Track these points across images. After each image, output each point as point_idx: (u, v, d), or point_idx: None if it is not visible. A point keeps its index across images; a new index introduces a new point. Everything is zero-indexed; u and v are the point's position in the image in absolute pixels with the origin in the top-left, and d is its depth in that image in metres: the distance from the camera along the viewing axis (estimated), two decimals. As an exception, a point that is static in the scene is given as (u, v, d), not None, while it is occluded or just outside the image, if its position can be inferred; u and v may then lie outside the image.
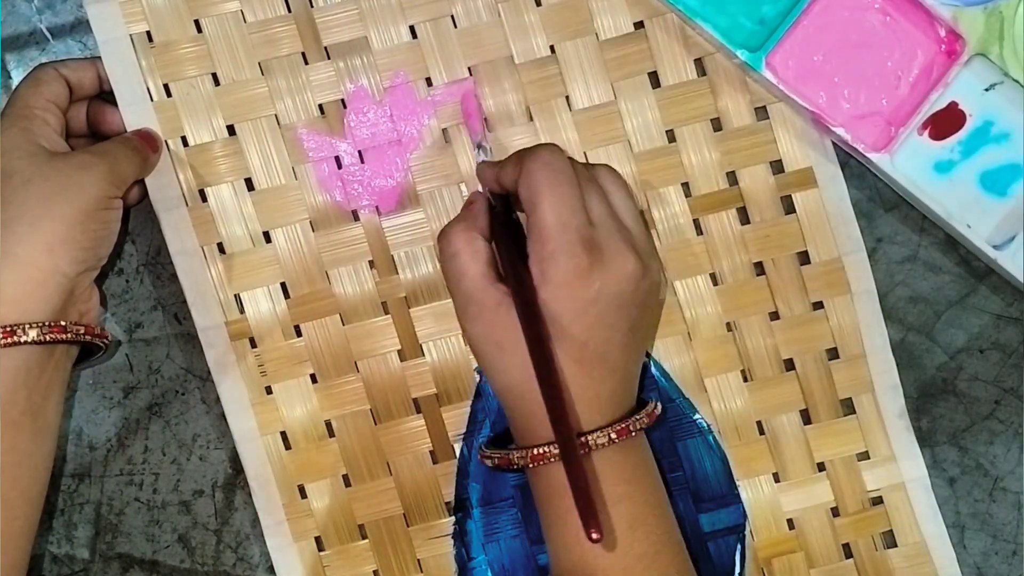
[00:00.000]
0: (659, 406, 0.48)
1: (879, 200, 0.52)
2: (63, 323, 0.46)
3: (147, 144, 0.50)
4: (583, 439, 0.45)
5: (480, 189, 0.51)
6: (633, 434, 0.46)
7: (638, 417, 0.46)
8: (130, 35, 0.51)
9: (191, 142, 0.52)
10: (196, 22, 0.51)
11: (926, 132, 0.49)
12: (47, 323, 0.45)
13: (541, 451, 0.45)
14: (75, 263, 0.46)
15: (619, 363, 0.46)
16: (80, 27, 0.52)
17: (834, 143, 0.51)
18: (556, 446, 0.44)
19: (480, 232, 0.47)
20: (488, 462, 0.48)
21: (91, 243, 0.47)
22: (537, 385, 0.43)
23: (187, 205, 0.52)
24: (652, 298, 0.47)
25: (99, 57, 0.51)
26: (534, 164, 0.45)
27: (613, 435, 0.45)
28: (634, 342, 0.47)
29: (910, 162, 0.49)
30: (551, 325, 0.45)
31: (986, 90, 0.48)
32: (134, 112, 0.51)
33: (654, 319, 0.50)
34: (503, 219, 0.48)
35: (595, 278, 0.45)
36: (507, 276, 0.46)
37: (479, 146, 0.51)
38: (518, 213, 0.49)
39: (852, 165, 0.51)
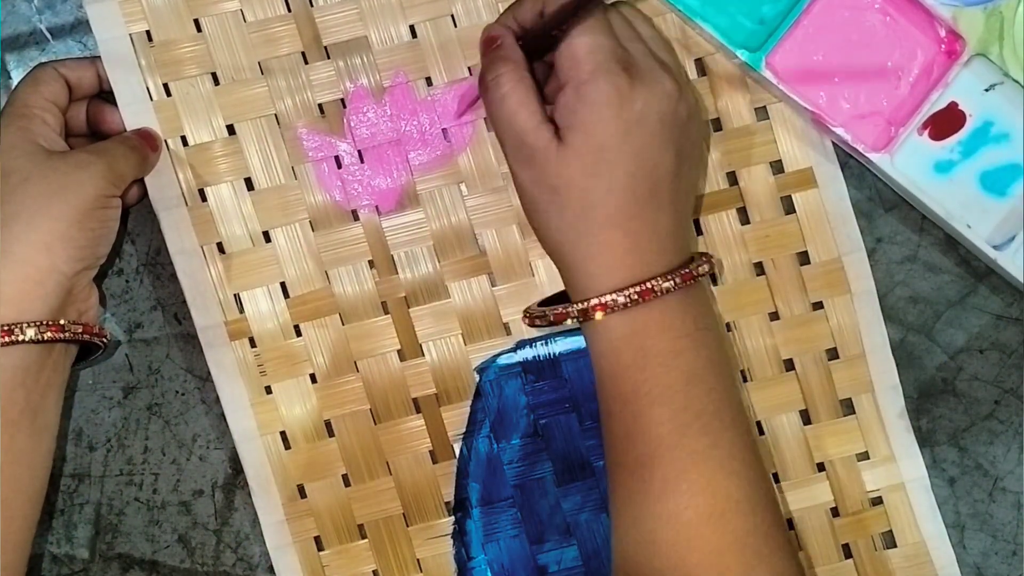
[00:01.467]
0: (711, 257, 0.47)
1: (879, 200, 0.52)
2: (61, 322, 0.46)
3: (146, 143, 0.50)
4: (646, 285, 0.43)
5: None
6: (697, 280, 0.45)
7: (700, 263, 0.45)
8: (130, 34, 0.51)
9: (191, 141, 0.52)
10: (196, 21, 0.51)
11: (926, 132, 0.49)
12: (45, 322, 0.45)
13: (605, 300, 0.43)
14: (73, 262, 0.46)
15: (671, 196, 0.45)
16: (80, 27, 0.52)
17: (834, 143, 0.51)
18: (623, 293, 0.43)
19: (525, 68, 0.45)
20: (539, 321, 0.46)
21: (89, 242, 0.47)
22: (595, 227, 0.43)
23: (187, 205, 0.52)
24: (693, 124, 0.46)
25: (99, 57, 0.51)
26: None
27: (678, 280, 0.44)
28: (682, 173, 0.45)
29: (910, 162, 0.49)
30: (598, 152, 0.43)
31: (986, 90, 0.48)
32: (134, 112, 0.51)
33: (700, 154, 0.49)
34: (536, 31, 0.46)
35: (636, 97, 0.44)
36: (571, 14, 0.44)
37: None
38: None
39: (852, 165, 0.51)
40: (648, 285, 0.44)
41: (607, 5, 0.46)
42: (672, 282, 0.44)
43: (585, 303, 0.44)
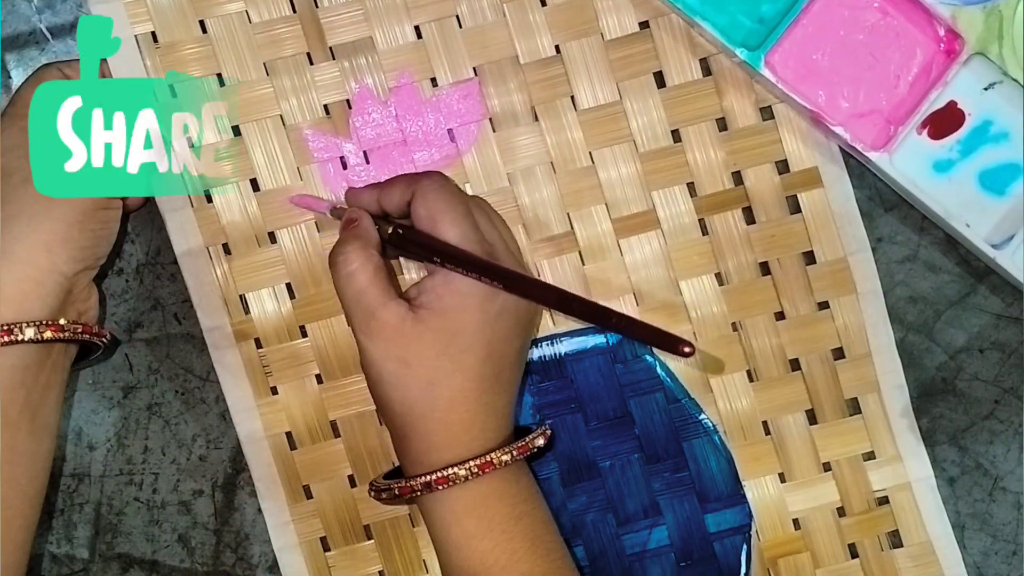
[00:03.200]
0: (549, 429, 0.48)
1: (879, 200, 0.52)
2: (61, 322, 0.46)
3: None
4: (486, 458, 0.45)
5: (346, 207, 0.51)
6: (532, 451, 0.47)
7: (534, 435, 0.47)
8: (135, 35, 0.51)
9: (195, 143, 0.51)
10: (201, 22, 0.51)
11: (925, 131, 0.49)
12: (44, 322, 0.45)
13: (447, 473, 0.45)
14: (73, 262, 0.46)
15: (512, 380, 0.47)
16: (80, 27, 0.52)
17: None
18: (464, 466, 0.45)
19: (375, 248, 0.47)
20: (384, 495, 0.47)
21: (90, 242, 0.47)
22: (439, 403, 0.45)
23: (192, 206, 0.52)
24: (533, 320, 0.49)
25: (104, 59, 0.51)
26: (430, 186, 0.46)
27: (515, 452, 0.46)
28: (519, 361, 0.48)
29: (909, 161, 0.49)
30: (453, 336, 0.45)
31: (985, 89, 0.49)
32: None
33: (530, 341, 0.51)
34: (399, 225, 0.48)
35: (500, 294, 0.46)
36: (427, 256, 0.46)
37: (334, 209, 0.51)
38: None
39: (852, 164, 0.52)
40: (488, 458, 0.45)
41: (468, 197, 0.48)
42: (510, 455, 0.46)
43: (428, 476, 0.45)
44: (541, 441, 0.47)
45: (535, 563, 0.45)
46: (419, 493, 0.46)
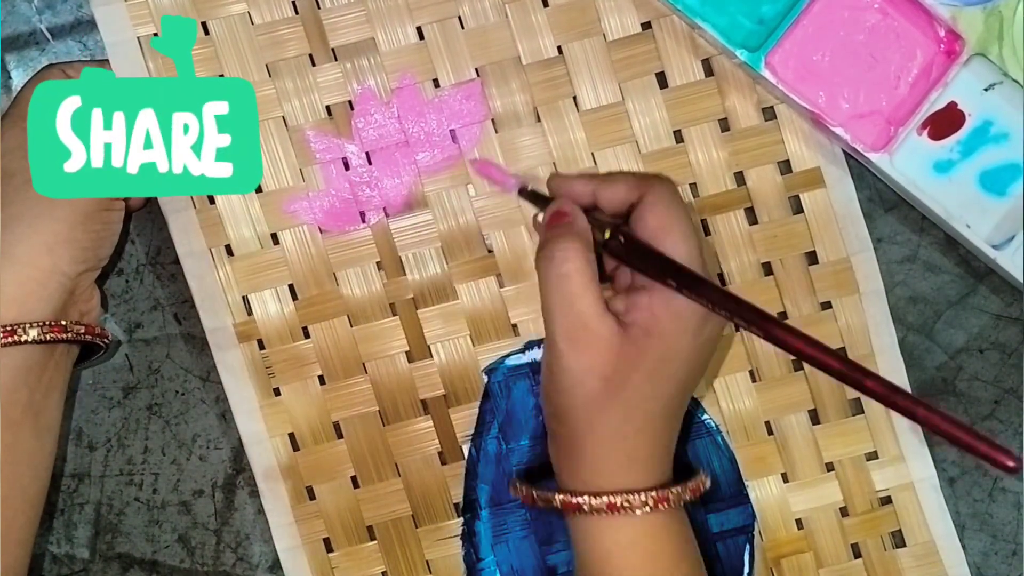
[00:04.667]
0: (708, 477, 0.47)
1: (879, 200, 0.53)
2: (63, 322, 0.45)
3: None
4: (666, 492, 0.43)
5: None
6: (703, 492, 0.45)
7: (702, 476, 0.45)
8: (137, 37, 0.51)
9: (197, 142, 0.52)
10: (203, 24, 0.51)
11: (925, 132, 0.50)
12: (47, 322, 0.45)
13: (629, 499, 0.42)
14: (76, 263, 0.46)
15: (683, 411, 0.46)
16: (80, 27, 0.52)
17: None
18: (645, 495, 0.42)
19: (592, 250, 0.44)
20: (541, 503, 0.45)
21: (92, 243, 0.47)
22: (628, 428, 0.42)
23: (195, 207, 0.51)
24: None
25: (106, 60, 0.51)
26: (663, 194, 0.44)
27: (687, 495, 0.44)
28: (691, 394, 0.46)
29: (909, 162, 0.50)
30: (662, 361, 0.43)
31: (985, 90, 0.49)
32: None
33: None
34: (622, 230, 0.44)
35: (710, 322, 0.43)
36: (657, 274, 0.43)
37: (522, 189, 0.49)
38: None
39: (852, 165, 0.52)
40: (665, 493, 0.43)
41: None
42: (689, 493, 0.44)
43: (606, 498, 0.43)
44: (708, 482, 0.46)
45: None
46: (585, 512, 0.43)
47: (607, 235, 0.44)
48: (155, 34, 0.51)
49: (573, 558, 0.47)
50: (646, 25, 0.52)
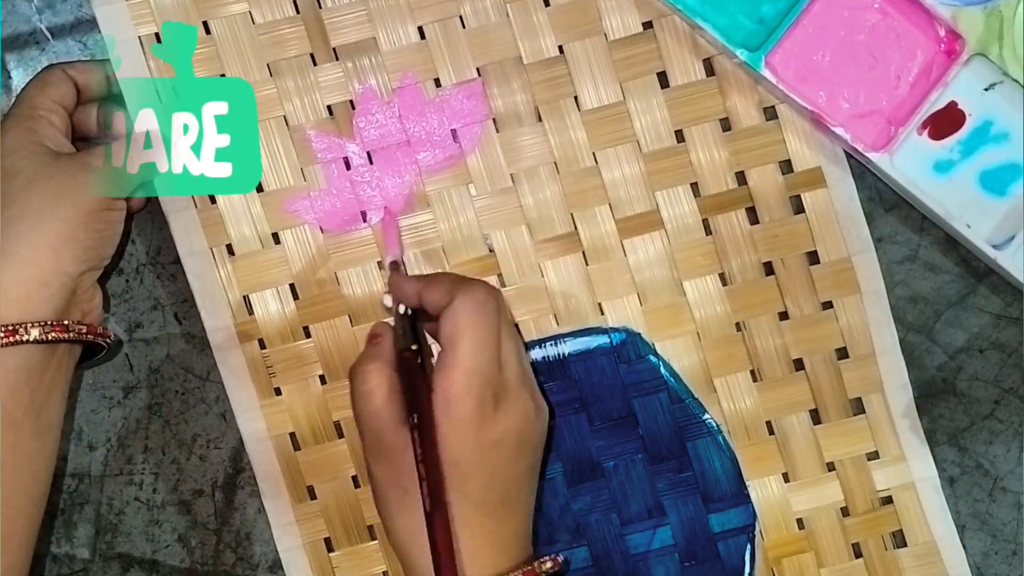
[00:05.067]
0: (561, 557, 0.47)
1: (879, 200, 0.53)
2: (65, 322, 0.45)
3: None
4: None
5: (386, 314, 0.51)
6: None
7: (541, 560, 0.46)
8: (139, 36, 0.51)
9: (198, 142, 0.52)
10: (205, 23, 0.51)
11: (925, 132, 0.50)
12: (49, 322, 0.45)
13: None
14: (78, 263, 0.46)
15: (520, 503, 0.46)
16: (80, 27, 0.52)
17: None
18: None
19: (393, 368, 0.46)
20: None
21: (94, 243, 0.46)
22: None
23: (196, 207, 0.51)
24: (543, 438, 0.47)
25: (107, 60, 0.51)
26: (467, 302, 0.45)
27: None
28: (531, 481, 0.47)
29: (910, 162, 0.50)
30: (453, 466, 0.44)
31: (985, 90, 0.49)
32: (144, 114, 0.50)
33: (541, 455, 0.49)
34: (410, 344, 0.47)
35: (499, 422, 0.45)
36: (408, 407, 0.45)
37: (394, 264, 0.51)
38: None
39: (852, 165, 0.52)
40: None
41: (507, 322, 0.47)
42: None
43: None
44: (548, 565, 0.46)
45: None
46: None
47: (403, 352, 0.47)
48: (156, 34, 0.51)
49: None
50: (647, 25, 0.52)
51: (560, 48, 0.52)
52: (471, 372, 0.44)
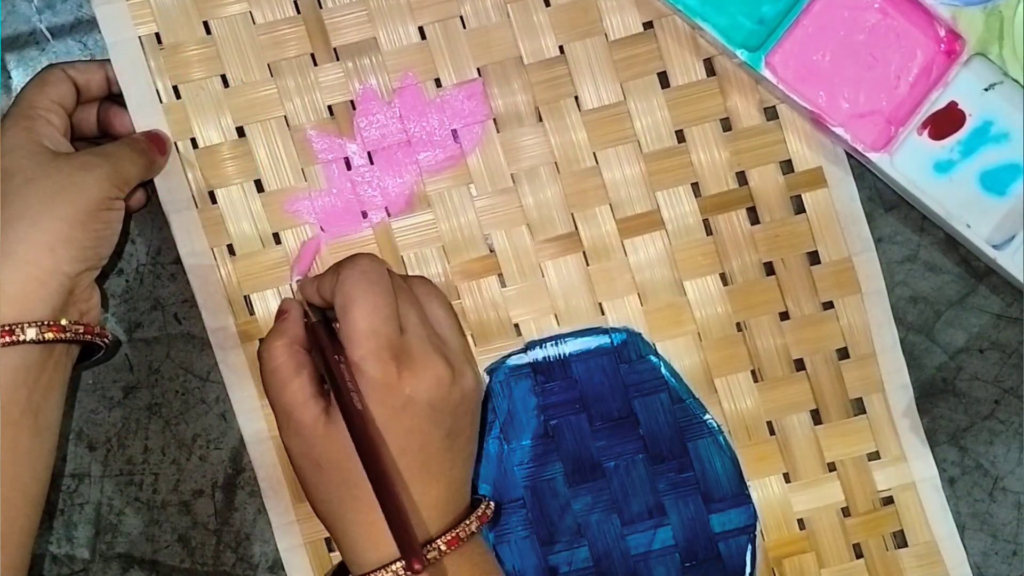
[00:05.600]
0: (491, 505, 0.48)
1: (879, 200, 0.53)
2: (63, 322, 0.45)
3: (155, 146, 0.50)
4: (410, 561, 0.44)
5: (292, 297, 0.51)
6: (464, 540, 0.45)
7: (467, 522, 0.46)
8: (139, 36, 0.51)
9: (200, 144, 0.51)
10: (205, 23, 0.51)
11: (926, 132, 0.50)
12: (46, 322, 0.45)
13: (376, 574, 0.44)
14: (76, 262, 0.46)
15: (441, 470, 0.46)
16: (80, 27, 0.52)
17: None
18: (389, 569, 0.44)
19: (300, 343, 0.47)
20: None
21: (92, 243, 0.46)
22: (358, 504, 0.44)
23: (197, 207, 0.51)
24: (467, 404, 0.47)
25: (108, 60, 0.51)
26: (349, 272, 0.46)
27: (443, 547, 0.45)
28: (454, 448, 0.47)
29: (910, 162, 0.50)
30: (350, 444, 0.44)
31: (986, 90, 0.49)
32: (143, 114, 0.51)
33: (474, 423, 0.48)
34: (325, 327, 0.47)
35: (404, 385, 0.45)
36: (330, 381, 0.45)
37: (299, 280, 0.51)
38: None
39: (852, 165, 0.52)
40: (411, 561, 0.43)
41: (402, 282, 0.47)
42: (438, 550, 0.45)
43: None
44: (475, 526, 0.46)
45: None
46: None
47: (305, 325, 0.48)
48: (156, 34, 0.51)
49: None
50: (648, 25, 0.52)
51: (561, 48, 0.52)
52: (366, 335, 0.44)
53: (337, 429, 0.44)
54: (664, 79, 0.52)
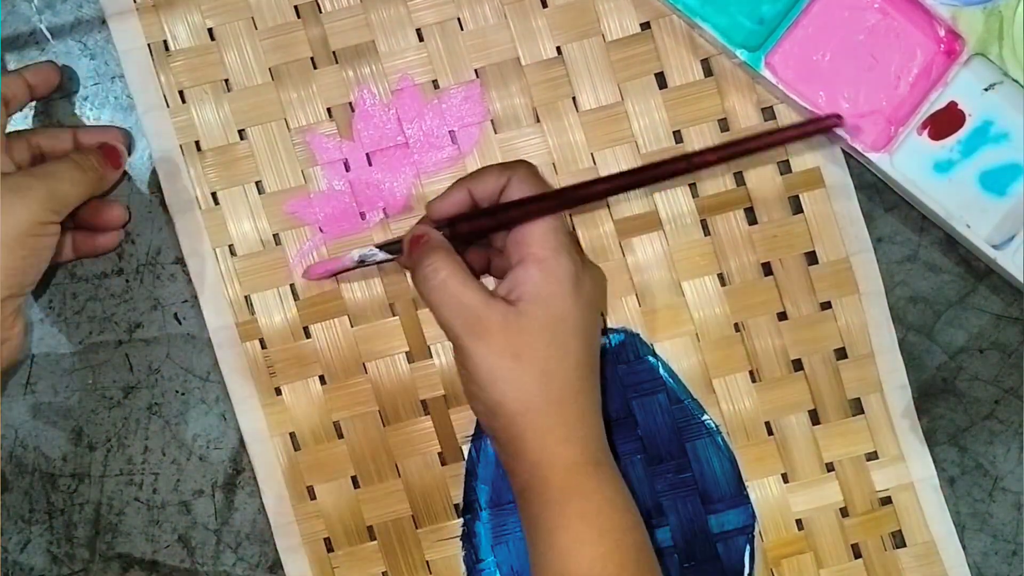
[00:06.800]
0: None
1: (879, 200, 0.53)
2: None
3: (107, 160, 0.49)
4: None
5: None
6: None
7: None
8: (148, 44, 0.52)
9: (204, 147, 0.52)
10: (210, 31, 0.52)
11: (925, 132, 0.50)
12: None
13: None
14: None
15: (598, 372, 0.47)
16: (80, 27, 0.53)
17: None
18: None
19: (455, 253, 0.46)
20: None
21: (16, 270, 0.45)
22: (555, 394, 0.44)
23: (200, 208, 0.52)
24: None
25: (28, 66, 0.51)
26: (528, 171, 0.47)
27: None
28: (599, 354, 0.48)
29: (909, 162, 0.50)
30: (560, 322, 0.45)
31: (985, 90, 0.49)
32: (152, 119, 0.52)
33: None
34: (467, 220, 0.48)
35: (588, 277, 0.46)
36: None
37: (362, 259, 0.50)
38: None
39: (852, 165, 0.52)
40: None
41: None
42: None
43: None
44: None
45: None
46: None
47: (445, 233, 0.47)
48: (164, 41, 0.52)
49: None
50: (645, 25, 0.52)
51: (558, 49, 0.52)
52: (555, 227, 0.45)
53: (530, 317, 0.44)
54: (662, 79, 0.52)
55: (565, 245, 0.45)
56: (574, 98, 0.52)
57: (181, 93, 0.52)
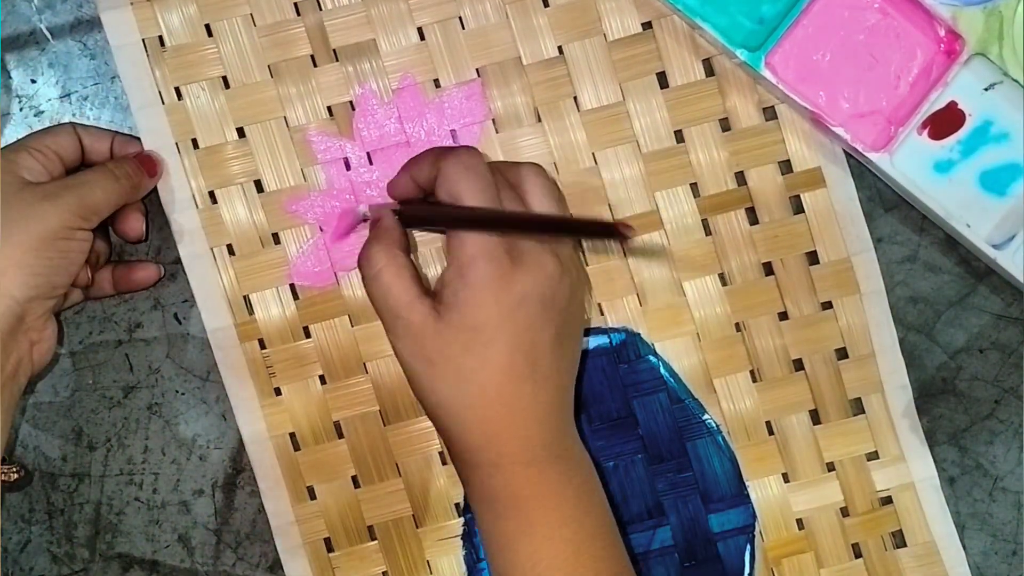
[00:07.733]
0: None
1: (879, 200, 0.53)
2: None
3: (143, 169, 0.50)
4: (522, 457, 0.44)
5: (361, 205, 0.51)
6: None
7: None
8: (143, 39, 0.51)
9: (201, 145, 0.52)
10: (207, 26, 0.52)
11: (925, 132, 0.50)
12: None
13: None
14: (26, 288, 0.46)
15: (550, 372, 0.45)
16: (80, 27, 0.52)
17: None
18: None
19: (399, 247, 0.46)
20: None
21: (45, 271, 0.46)
22: (470, 400, 0.44)
23: (197, 207, 0.52)
24: (575, 302, 0.46)
25: (118, 133, 0.51)
26: (453, 166, 0.45)
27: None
28: (562, 350, 0.46)
29: (910, 162, 0.50)
30: (474, 332, 0.44)
31: (985, 90, 0.49)
32: (146, 115, 0.51)
33: (580, 324, 0.48)
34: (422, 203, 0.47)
35: (517, 280, 0.44)
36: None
37: (364, 217, 0.50)
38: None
39: (852, 165, 0.52)
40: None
41: (504, 174, 0.46)
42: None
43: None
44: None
45: (577, 572, 0.44)
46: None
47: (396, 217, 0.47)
48: (160, 37, 0.51)
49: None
50: (647, 25, 0.52)
51: (559, 49, 0.52)
52: (475, 232, 0.44)
53: (446, 323, 0.44)
54: (663, 79, 0.52)
55: (486, 247, 0.44)
56: (575, 97, 0.52)
57: (177, 90, 0.51)
